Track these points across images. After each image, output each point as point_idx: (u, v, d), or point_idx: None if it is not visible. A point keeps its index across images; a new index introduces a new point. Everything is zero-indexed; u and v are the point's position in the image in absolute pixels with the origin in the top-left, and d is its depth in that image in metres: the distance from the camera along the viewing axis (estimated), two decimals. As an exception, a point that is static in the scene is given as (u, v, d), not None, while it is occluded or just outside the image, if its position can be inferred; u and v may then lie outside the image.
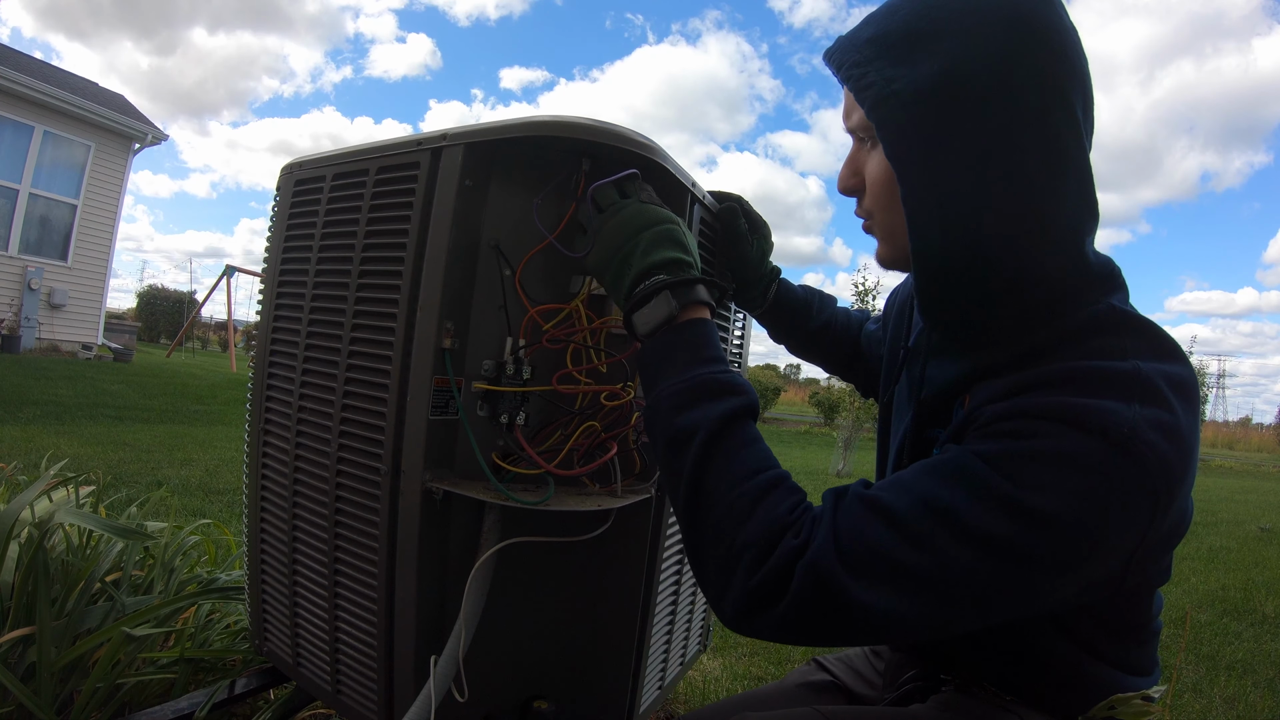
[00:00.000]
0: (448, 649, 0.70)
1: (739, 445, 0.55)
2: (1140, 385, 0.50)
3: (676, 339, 0.60)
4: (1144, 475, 0.48)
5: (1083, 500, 0.47)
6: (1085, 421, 0.48)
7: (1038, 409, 0.50)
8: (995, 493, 0.48)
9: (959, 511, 0.48)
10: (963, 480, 0.49)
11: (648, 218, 0.63)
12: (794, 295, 1.00)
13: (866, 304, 9.20)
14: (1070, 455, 0.48)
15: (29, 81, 8.06)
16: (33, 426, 4.12)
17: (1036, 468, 0.48)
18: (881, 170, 0.58)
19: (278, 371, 0.89)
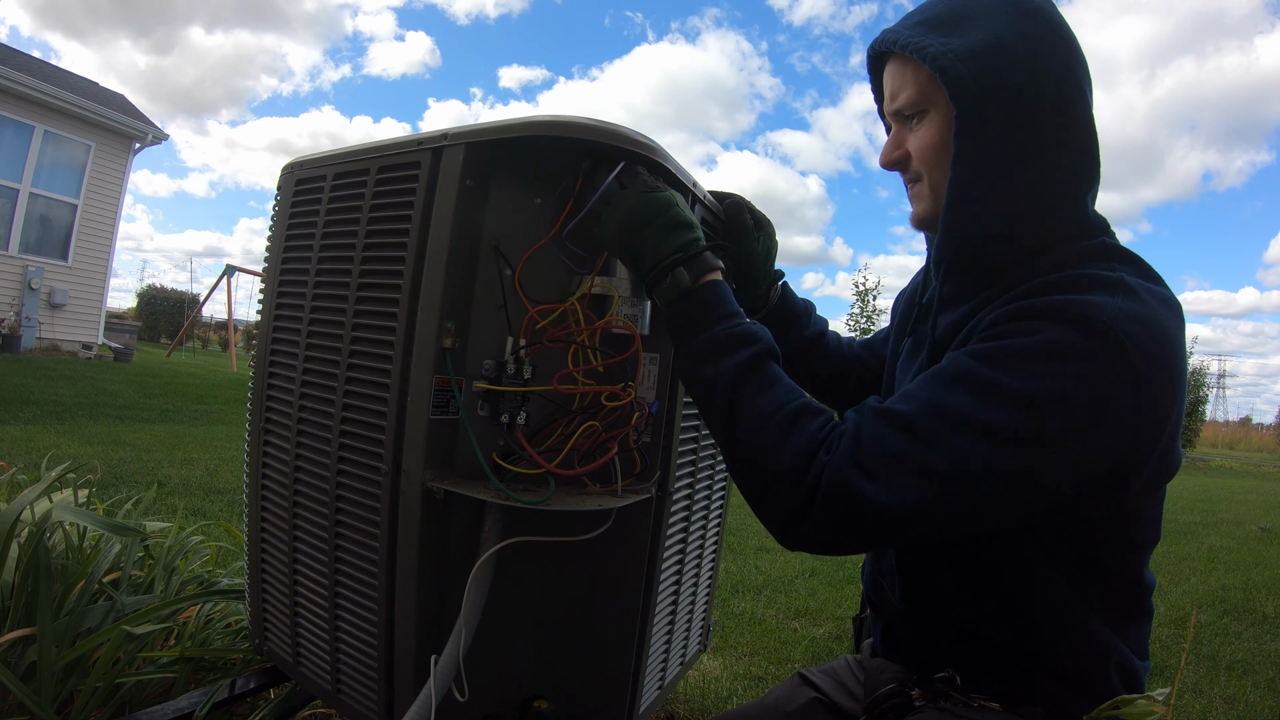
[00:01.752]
0: (448, 649, 0.70)
1: (762, 386, 0.63)
2: (1124, 287, 0.58)
3: (694, 302, 0.67)
4: (1123, 361, 0.54)
5: (1069, 383, 0.54)
6: (1069, 314, 0.55)
7: (1027, 309, 0.58)
8: (991, 384, 0.55)
9: (961, 407, 0.55)
10: (961, 379, 0.57)
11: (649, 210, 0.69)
12: (794, 302, 1.00)
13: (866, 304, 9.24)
14: (1056, 344, 0.55)
15: (29, 81, 8.06)
16: (33, 426, 4.12)
17: (1026, 358, 0.55)
18: (933, 135, 0.67)
19: (278, 371, 0.89)
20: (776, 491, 0.58)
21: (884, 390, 0.85)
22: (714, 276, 0.69)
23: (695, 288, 0.68)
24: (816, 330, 1.01)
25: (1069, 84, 0.63)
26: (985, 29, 0.63)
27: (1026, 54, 0.62)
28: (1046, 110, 0.62)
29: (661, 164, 0.72)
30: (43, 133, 8.45)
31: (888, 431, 0.56)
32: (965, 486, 0.54)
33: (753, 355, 0.64)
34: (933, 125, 0.67)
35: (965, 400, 0.55)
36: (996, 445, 0.53)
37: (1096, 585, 0.65)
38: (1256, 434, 31.14)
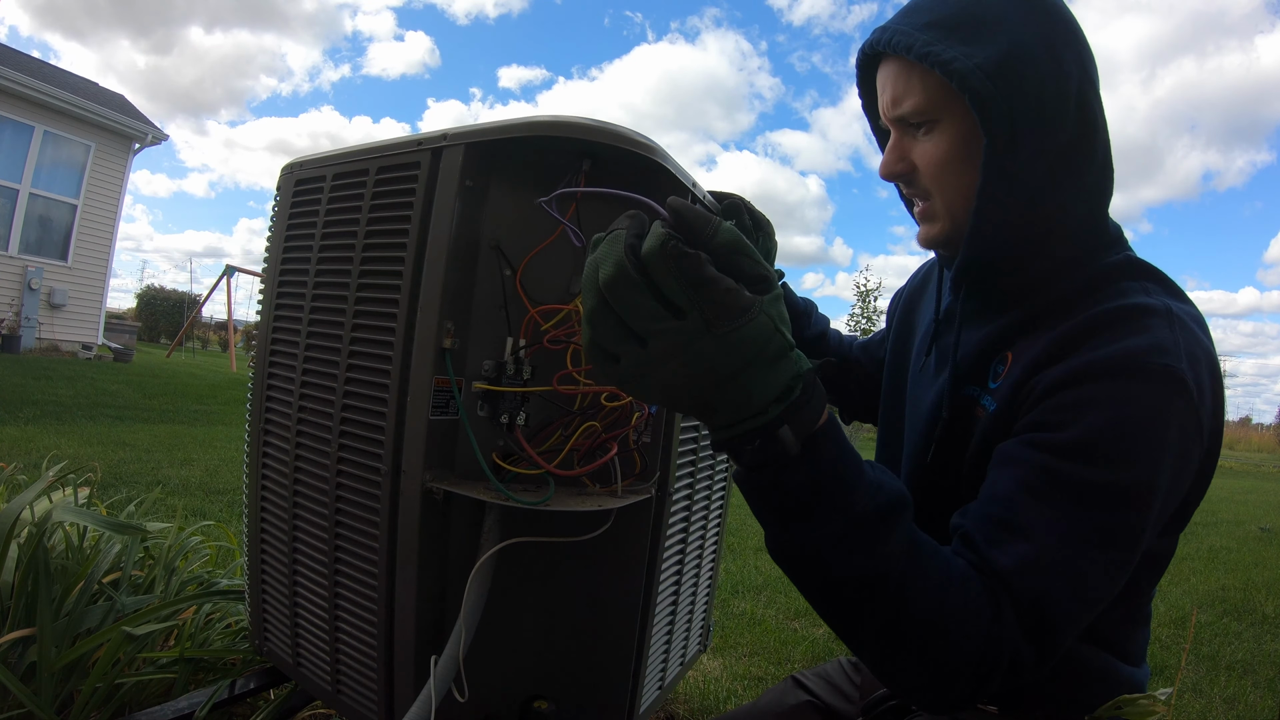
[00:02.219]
0: (448, 649, 0.70)
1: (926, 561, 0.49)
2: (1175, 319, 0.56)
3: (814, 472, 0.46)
4: (1199, 409, 0.53)
5: (1167, 453, 0.52)
6: (1148, 366, 0.52)
7: (1090, 369, 0.54)
8: (1095, 486, 0.51)
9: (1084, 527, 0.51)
10: (1068, 496, 0.52)
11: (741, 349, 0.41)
12: (794, 302, 0.99)
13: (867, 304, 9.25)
14: (1147, 413, 0.52)
15: (29, 81, 8.06)
16: (33, 426, 4.12)
17: (1121, 441, 0.51)
18: (944, 150, 0.61)
19: (278, 371, 0.89)
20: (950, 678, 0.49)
21: (886, 397, 0.83)
22: (825, 420, 0.46)
23: (808, 452, 0.45)
24: (818, 330, 1.00)
25: (1089, 90, 0.60)
26: (1007, 35, 0.57)
27: (1050, 62, 0.57)
28: (1071, 122, 0.59)
29: (661, 164, 0.72)
30: (42, 133, 8.45)
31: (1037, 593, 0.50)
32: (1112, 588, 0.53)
33: (911, 531, 0.49)
34: (945, 137, 0.61)
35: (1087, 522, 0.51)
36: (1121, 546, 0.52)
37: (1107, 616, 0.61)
38: (1256, 434, 31.13)
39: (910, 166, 0.65)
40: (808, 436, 0.45)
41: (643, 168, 0.73)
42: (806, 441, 0.45)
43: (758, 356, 0.42)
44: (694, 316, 0.39)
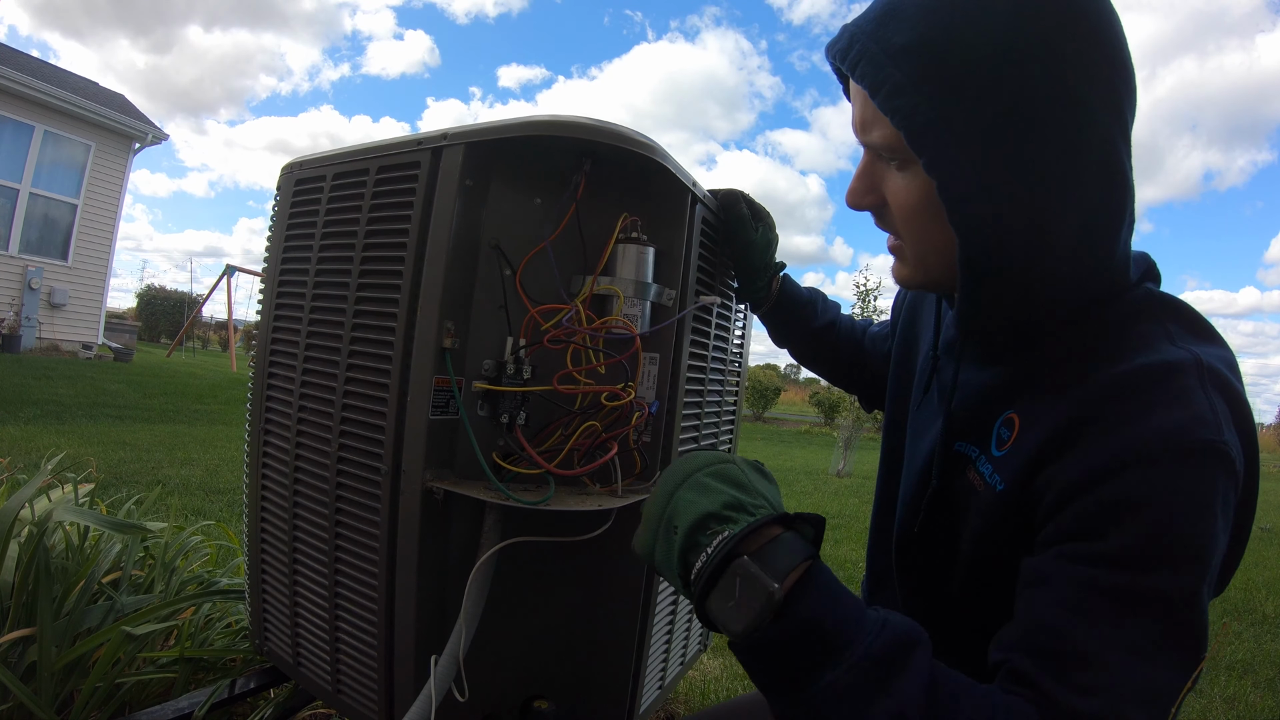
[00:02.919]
0: (448, 649, 0.70)
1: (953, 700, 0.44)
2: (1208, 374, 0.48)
3: (802, 625, 0.43)
4: (1236, 478, 0.46)
5: (1211, 535, 0.45)
6: (1177, 449, 0.45)
7: (1121, 460, 0.45)
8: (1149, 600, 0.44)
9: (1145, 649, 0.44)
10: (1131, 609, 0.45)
11: (683, 468, 0.51)
12: (799, 292, 0.99)
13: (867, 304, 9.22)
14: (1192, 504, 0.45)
15: (29, 81, 8.06)
16: (33, 426, 4.12)
17: (1170, 540, 0.44)
18: (914, 195, 0.52)
19: (278, 371, 0.89)
20: None
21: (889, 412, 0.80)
22: (807, 565, 0.45)
23: (790, 596, 0.44)
24: (826, 320, 0.98)
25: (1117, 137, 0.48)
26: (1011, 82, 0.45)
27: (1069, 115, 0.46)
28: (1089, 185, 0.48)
29: (661, 164, 0.72)
30: (43, 133, 8.45)
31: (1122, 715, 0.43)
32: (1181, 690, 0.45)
33: (930, 666, 0.44)
34: (919, 181, 0.51)
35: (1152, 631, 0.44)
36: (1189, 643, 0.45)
37: None
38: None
39: (880, 199, 0.55)
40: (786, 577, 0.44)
41: (643, 167, 0.73)
42: (786, 584, 0.43)
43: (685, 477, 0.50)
44: None
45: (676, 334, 0.79)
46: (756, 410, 16.29)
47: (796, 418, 18.91)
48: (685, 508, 0.47)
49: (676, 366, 0.80)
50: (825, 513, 4.65)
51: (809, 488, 6.09)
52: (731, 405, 1.07)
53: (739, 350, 1.07)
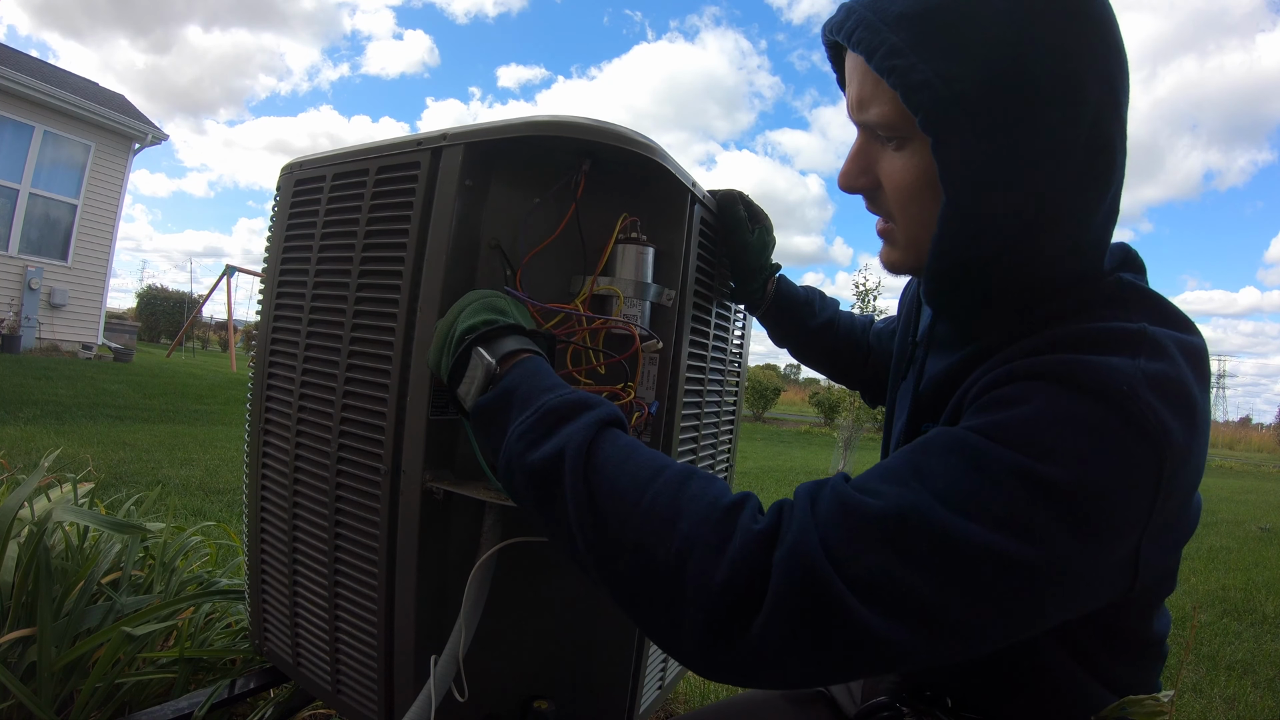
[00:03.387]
0: (448, 649, 0.70)
1: (622, 453, 0.47)
2: (1148, 342, 0.46)
3: (501, 391, 0.54)
4: (1145, 440, 0.42)
5: (1092, 467, 0.41)
6: (1082, 380, 0.43)
7: (1032, 369, 0.46)
8: (1000, 464, 0.42)
9: (967, 493, 0.41)
10: (961, 457, 0.43)
11: (465, 299, 0.63)
12: (795, 292, 0.99)
13: (867, 304, 9.22)
14: (1072, 417, 0.42)
15: (29, 81, 8.06)
16: (33, 426, 4.12)
17: (1039, 432, 0.42)
18: (910, 174, 0.51)
19: (278, 371, 0.89)
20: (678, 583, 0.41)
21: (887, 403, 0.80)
22: (526, 355, 0.57)
23: (505, 370, 0.55)
24: (824, 318, 0.98)
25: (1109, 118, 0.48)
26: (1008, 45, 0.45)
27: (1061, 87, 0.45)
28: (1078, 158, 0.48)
29: (661, 164, 0.72)
30: (42, 133, 8.45)
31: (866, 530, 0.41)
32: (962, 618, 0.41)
33: (600, 418, 0.49)
34: (916, 159, 0.50)
35: (965, 481, 0.42)
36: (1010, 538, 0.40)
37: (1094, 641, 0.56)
38: (1256, 434, 31.15)
39: (874, 182, 0.55)
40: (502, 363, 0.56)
41: (643, 168, 0.73)
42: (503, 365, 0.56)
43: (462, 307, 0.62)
44: None
45: (676, 334, 0.79)
46: (756, 410, 16.29)
47: (796, 418, 18.91)
48: (459, 325, 0.60)
49: (676, 366, 0.80)
50: (825, 513, 4.66)
51: (809, 488, 6.08)
52: (731, 405, 1.07)
53: (739, 350, 1.07)
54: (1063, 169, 0.48)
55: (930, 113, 0.46)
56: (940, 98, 0.45)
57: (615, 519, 0.44)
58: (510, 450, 0.50)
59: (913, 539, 0.41)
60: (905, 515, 0.41)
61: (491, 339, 0.58)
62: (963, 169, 0.47)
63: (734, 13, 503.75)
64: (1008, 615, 0.42)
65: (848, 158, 0.56)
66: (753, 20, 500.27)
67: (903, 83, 0.46)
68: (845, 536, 0.41)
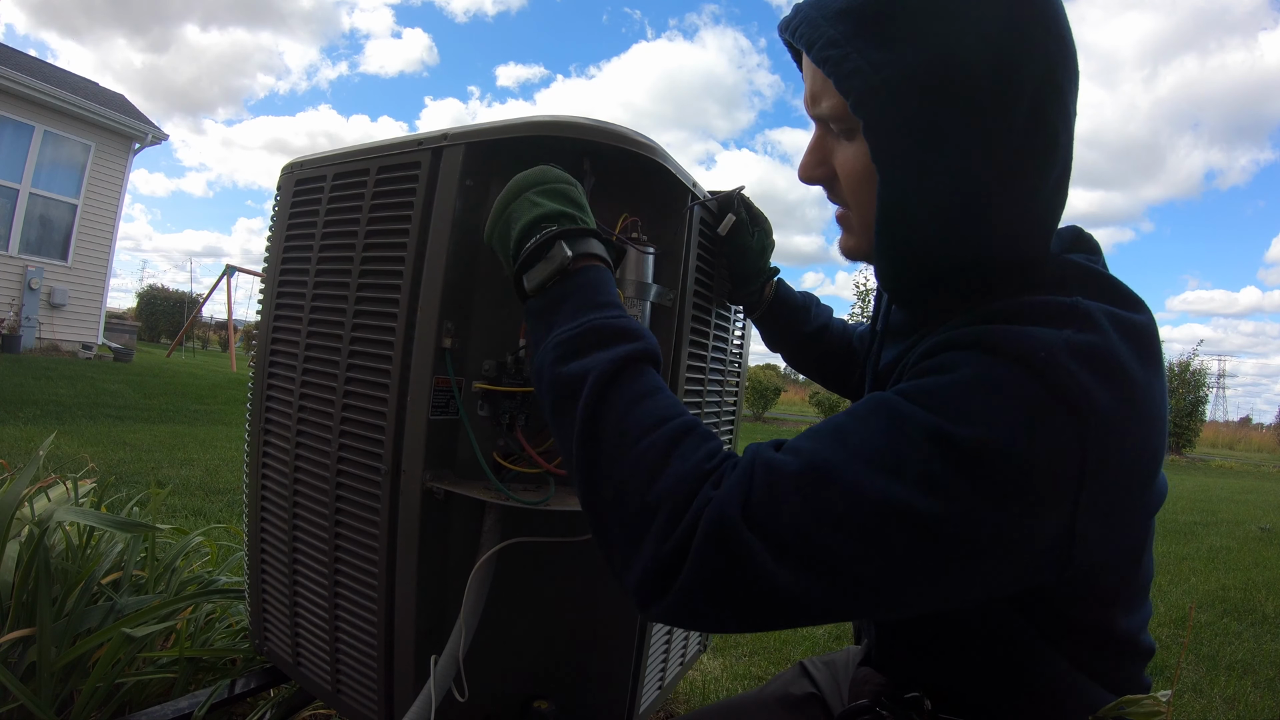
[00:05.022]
0: (448, 649, 0.70)
1: (640, 393, 0.49)
2: (1077, 314, 0.46)
3: (565, 288, 0.55)
4: (1063, 405, 0.42)
5: (1007, 431, 0.41)
6: (1004, 347, 0.44)
7: (958, 340, 0.47)
8: (915, 424, 0.43)
9: (882, 451, 0.43)
10: (881, 417, 0.44)
11: (535, 176, 0.60)
12: (792, 296, 0.99)
13: (867, 304, 9.19)
14: (992, 381, 0.43)
15: (29, 81, 8.06)
16: (33, 426, 4.12)
17: (957, 396, 0.43)
18: (859, 162, 0.53)
19: (278, 371, 0.89)
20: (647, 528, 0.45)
21: None
22: (598, 263, 0.57)
23: (570, 270, 0.55)
24: (819, 323, 0.99)
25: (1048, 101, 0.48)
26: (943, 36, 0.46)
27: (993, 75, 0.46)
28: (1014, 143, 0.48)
29: (661, 164, 0.72)
30: (43, 133, 8.45)
31: (786, 477, 0.43)
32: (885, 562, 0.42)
33: (632, 353, 0.51)
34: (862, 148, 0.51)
35: (883, 440, 0.43)
36: (911, 518, 0.41)
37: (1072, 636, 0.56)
38: (1256, 434, 31.15)
39: (830, 172, 0.57)
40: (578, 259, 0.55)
41: (643, 168, 0.73)
42: (576, 262, 0.55)
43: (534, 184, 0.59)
44: None
45: (676, 334, 0.79)
46: (756, 410, 16.28)
47: (796, 418, 18.91)
48: (531, 205, 0.58)
49: (676, 367, 0.80)
50: (825, 513, 4.66)
51: (809, 488, 6.09)
52: (731, 405, 1.07)
53: (739, 350, 1.07)
54: (996, 152, 0.48)
55: (859, 96, 0.48)
56: (869, 84, 0.47)
57: (608, 455, 0.48)
58: (545, 353, 0.53)
59: (824, 495, 0.42)
60: (819, 470, 0.43)
61: (576, 236, 0.57)
62: (891, 150, 0.49)
63: (733, 11, 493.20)
64: (918, 575, 0.43)
65: (805, 151, 0.59)
66: (752, 18, 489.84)
67: (836, 71, 0.49)
68: (763, 496, 0.43)
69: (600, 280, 0.56)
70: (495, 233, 0.60)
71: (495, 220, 0.60)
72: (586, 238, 0.57)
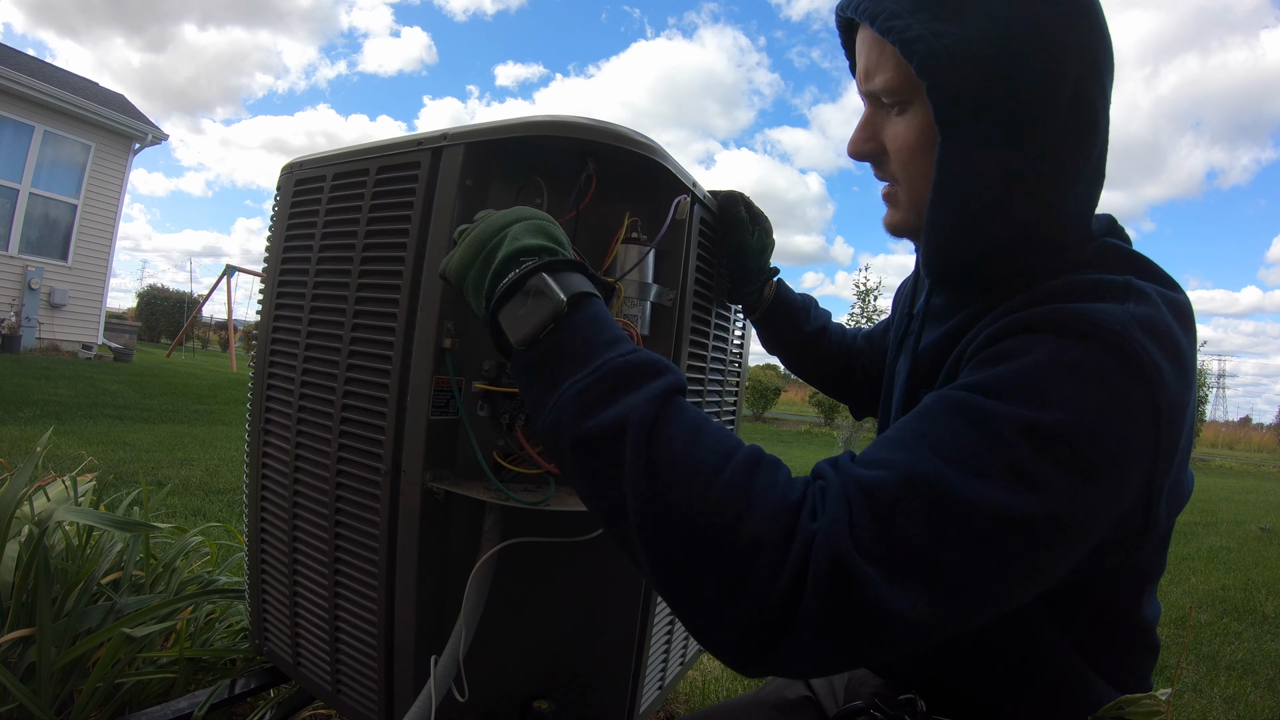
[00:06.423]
0: (448, 649, 0.70)
1: (690, 430, 0.44)
2: (1133, 290, 0.48)
3: (562, 333, 0.49)
4: (1140, 377, 0.44)
5: (1090, 408, 0.42)
6: (1074, 324, 0.45)
7: (1025, 322, 0.47)
8: (1001, 419, 0.42)
9: (977, 455, 0.42)
10: (965, 419, 0.44)
11: (517, 213, 0.56)
12: (791, 297, 0.99)
13: (867, 304, 9.22)
14: (1067, 363, 0.44)
15: (29, 81, 8.06)
16: (32, 426, 4.11)
17: (1037, 382, 0.43)
18: (914, 136, 0.54)
19: (278, 371, 0.89)
20: (739, 578, 0.40)
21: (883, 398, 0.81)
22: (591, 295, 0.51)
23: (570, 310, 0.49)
24: (818, 325, 0.99)
25: (1090, 83, 0.51)
26: (995, 13, 0.49)
27: (1042, 50, 0.49)
28: (1060, 118, 0.51)
29: (661, 164, 0.72)
30: (43, 133, 8.45)
31: (885, 508, 0.41)
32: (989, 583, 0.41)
33: (667, 387, 0.46)
34: (916, 120, 0.54)
35: (972, 442, 0.42)
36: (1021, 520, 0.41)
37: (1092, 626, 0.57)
38: (1256, 434, 31.14)
39: (880, 147, 0.58)
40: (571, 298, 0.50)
41: (643, 167, 0.73)
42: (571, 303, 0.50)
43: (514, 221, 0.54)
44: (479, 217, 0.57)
45: (676, 334, 0.79)
46: (756, 410, 16.28)
47: (796, 418, 18.90)
48: (511, 240, 0.53)
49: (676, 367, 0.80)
50: (825, 513, 4.66)
51: (809, 488, 6.08)
52: (731, 405, 1.07)
53: (739, 350, 1.07)
54: (1046, 127, 0.51)
55: (923, 60, 0.50)
56: (932, 49, 0.50)
57: (676, 507, 0.42)
58: (561, 409, 0.46)
59: (932, 510, 0.41)
60: (919, 485, 0.41)
61: (559, 270, 0.51)
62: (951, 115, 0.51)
63: (732, 9, 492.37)
64: (1031, 572, 0.43)
65: (856, 127, 0.60)
66: (751, 17, 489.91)
67: (901, 38, 0.51)
68: (868, 520, 0.41)
69: (600, 316, 0.51)
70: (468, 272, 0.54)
71: (468, 259, 0.54)
72: (571, 272, 0.52)
